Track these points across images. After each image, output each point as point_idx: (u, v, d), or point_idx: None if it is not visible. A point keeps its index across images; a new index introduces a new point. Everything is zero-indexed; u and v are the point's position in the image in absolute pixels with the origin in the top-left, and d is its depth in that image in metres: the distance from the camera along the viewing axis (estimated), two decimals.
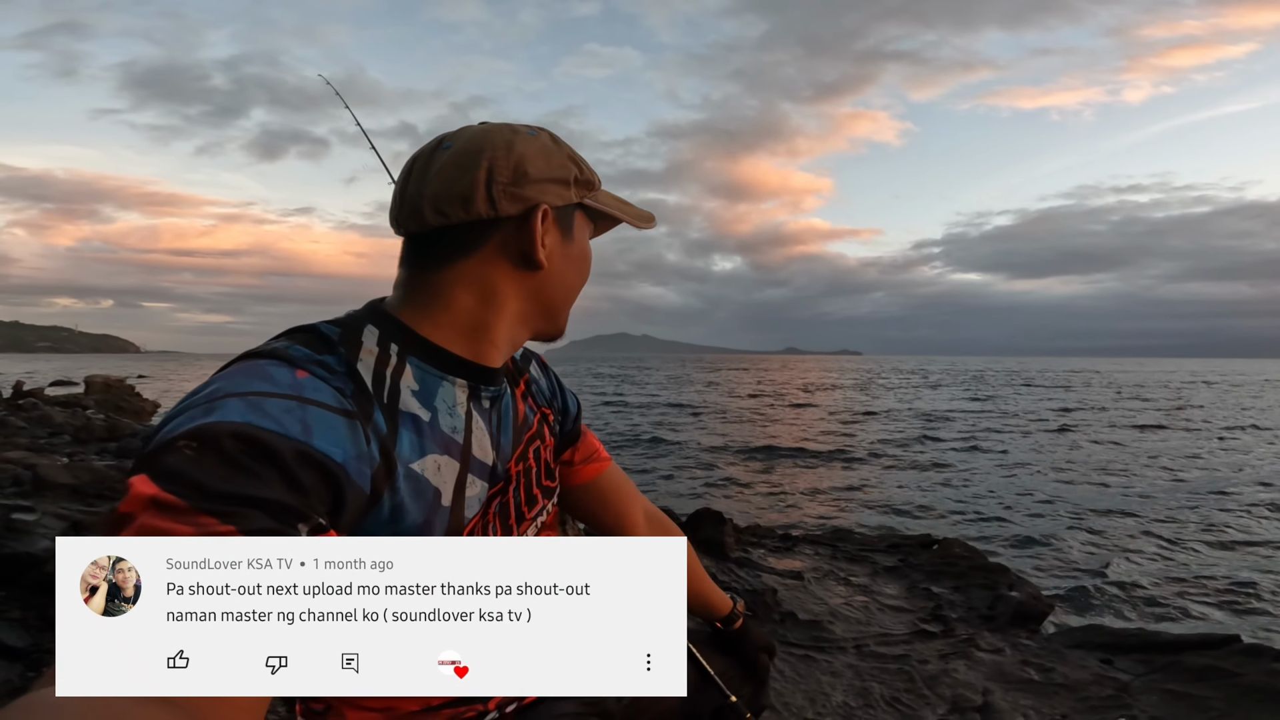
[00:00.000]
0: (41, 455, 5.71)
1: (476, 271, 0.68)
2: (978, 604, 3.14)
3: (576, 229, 0.75)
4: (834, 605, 3.07)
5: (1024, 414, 20.62)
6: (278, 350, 0.58)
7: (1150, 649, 2.63)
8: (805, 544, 4.06)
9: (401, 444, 0.61)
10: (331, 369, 0.59)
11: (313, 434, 0.51)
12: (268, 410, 0.50)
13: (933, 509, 7.66)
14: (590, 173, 0.75)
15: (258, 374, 0.54)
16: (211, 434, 0.47)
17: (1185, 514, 7.27)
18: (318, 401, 0.54)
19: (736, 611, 1.09)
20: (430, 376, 0.66)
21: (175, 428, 0.48)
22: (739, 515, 5.66)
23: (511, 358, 0.82)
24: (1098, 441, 13.87)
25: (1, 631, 1.86)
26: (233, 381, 0.53)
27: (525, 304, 0.72)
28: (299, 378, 0.55)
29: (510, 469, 0.74)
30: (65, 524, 3.17)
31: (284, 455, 0.48)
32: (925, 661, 2.53)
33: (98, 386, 15.04)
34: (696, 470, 10.30)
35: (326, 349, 0.61)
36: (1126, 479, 9.51)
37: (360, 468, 0.55)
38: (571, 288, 0.77)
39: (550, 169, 0.69)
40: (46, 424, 8.43)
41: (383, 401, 0.61)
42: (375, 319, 0.66)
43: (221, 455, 0.46)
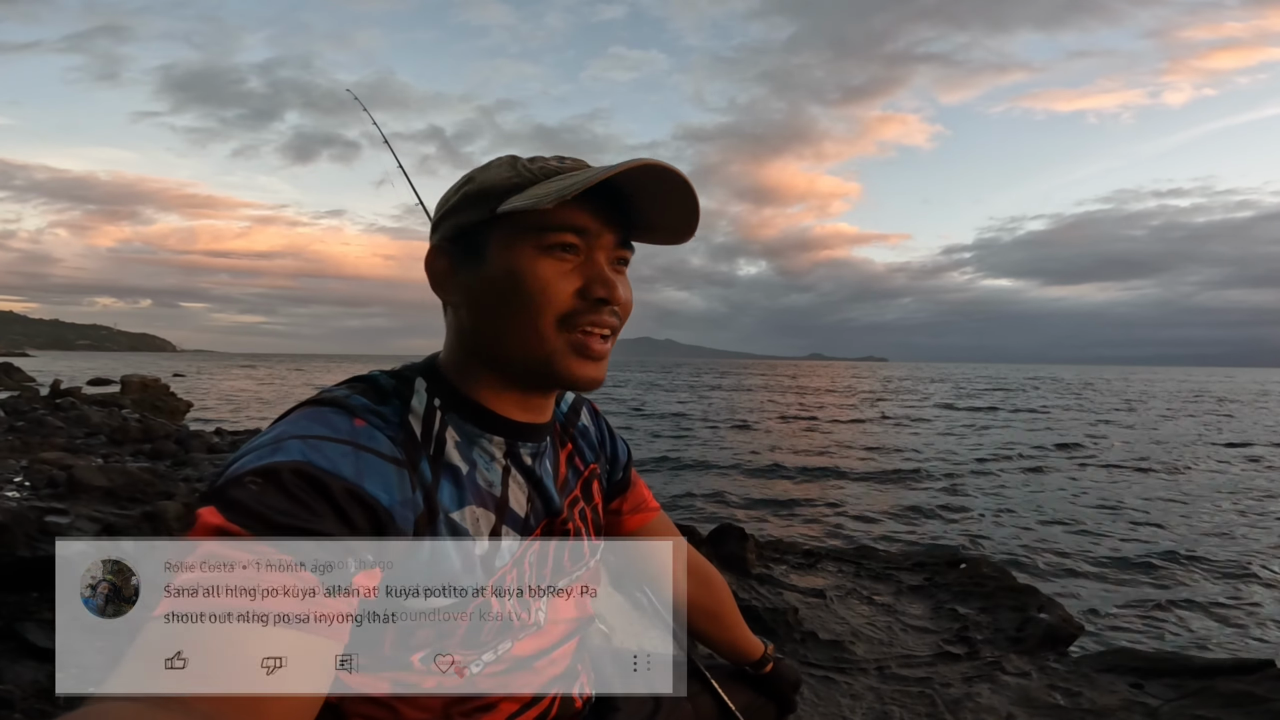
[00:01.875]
0: (78, 456, 5.86)
1: (447, 321, 0.72)
2: (1005, 626, 3.07)
3: (494, 246, 0.66)
4: (856, 625, 3.02)
5: (1066, 429, 20.10)
6: (339, 399, 0.62)
7: (1182, 673, 2.54)
8: (828, 561, 4.00)
9: (443, 494, 0.64)
10: (386, 419, 0.63)
11: (364, 477, 0.55)
12: (326, 452, 0.55)
13: (963, 527, 7.50)
14: (501, 177, 0.66)
15: (319, 420, 0.59)
16: (274, 470, 0.51)
17: (1229, 539, 7.05)
18: (372, 449, 0.58)
19: (767, 655, 1.09)
20: (467, 432, 0.68)
21: (243, 465, 0.52)
22: (762, 531, 5.61)
23: (558, 411, 0.82)
24: (1146, 463, 13.50)
25: (31, 633, 1.91)
26: (296, 425, 0.57)
27: (473, 347, 0.69)
28: (356, 425, 0.60)
29: (552, 524, 0.74)
30: (98, 527, 3.24)
31: (336, 492, 0.53)
32: (948, 684, 2.47)
33: (134, 386, 15.40)
34: (719, 484, 10.21)
35: (382, 400, 0.65)
36: (1173, 501, 9.23)
37: (405, 513, 0.58)
38: (503, 316, 0.65)
39: (445, 203, 0.70)
40: (83, 424, 8.66)
41: (429, 452, 0.64)
42: (427, 373, 0.70)
43: (283, 490, 0.50)
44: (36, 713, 1.62)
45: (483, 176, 0.68)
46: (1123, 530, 7.27)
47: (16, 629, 1.95)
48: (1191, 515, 8.13)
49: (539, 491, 0.73)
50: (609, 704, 0.88)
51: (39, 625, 1.99)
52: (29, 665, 1.81)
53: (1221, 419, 22.65)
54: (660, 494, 8.25)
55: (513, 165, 0.67)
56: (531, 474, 0.72)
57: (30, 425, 8.30)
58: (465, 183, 0.69)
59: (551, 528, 0.73)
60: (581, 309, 0.66)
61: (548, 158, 0.68)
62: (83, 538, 3.02)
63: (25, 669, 1.80)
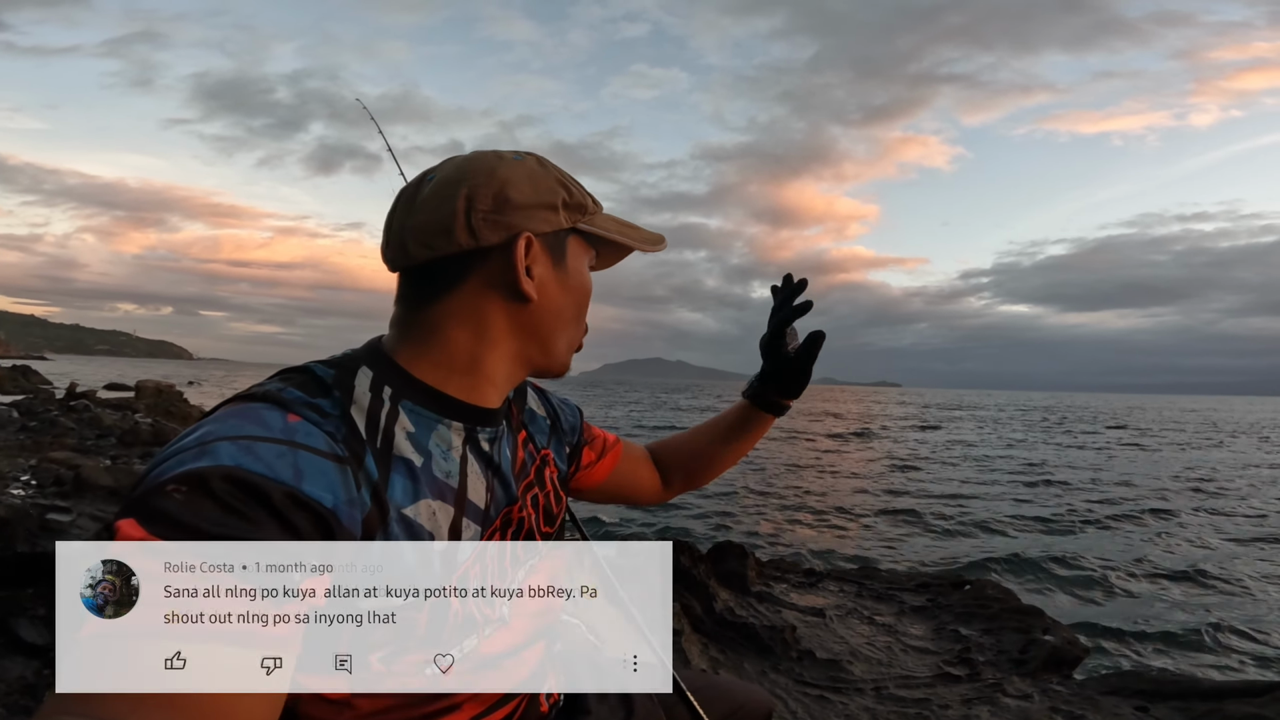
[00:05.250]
0: (87, 456, 5.91)
1: (467, 305, 0.67)
2: (1008, 647, 3.01)
3: (570, 256, 0.71)
4: (855, 644, 2.98)
5: (1074, 452, 19.93)
6: (270, 393, 0.58)
7: (1189, 696, 2.48)
8: (830, 580, 3.95)
9: (394, 489, 0.60)
10: (324, 412, 0.59)
11: (303, 478, 0.51)
12: (259, 454, 0.50)
13: (970, 549, 7.42)
14: (583, 195, 0.72)
15: (250, 417, 0.54)
16: (202, 477, 0.47)
17: (1242, 562, 6.93)
18: (309, 446, 0.54)
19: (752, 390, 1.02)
20: (424, 420, 0.65)
21: (164, 471, 0.48)
22: (762, 549, 5.56)
23: (507, 396, 0.81)
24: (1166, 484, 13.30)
25: (23, 629, 1.91)
26: (224, 425, 0.53)
27: (518, 338, 0.70)
28: (290, 421, 0.55)
29: (509, 513, 0.72)
30: (99, 525, 3.26)
31: (274, 499, 0.48)
32: (947, 706, 2.43)
33: (149, 391, 15.57)
34: (720, 502, 10.13)
35: (320, 392, 0.60)
36: (1183, 524, 9.10)
37: (351, 512, 0.55)
38: (567, 320, 0.73)
39: (536, 194, 0.67)
40: (95, 426, 8.75)
41: (376, 446, 0.60)
42: (370, 360, 0.66)
43: (213, 498, 0.46)
44: (20, 708, 1.62)
45: (567, 186, 0.70)
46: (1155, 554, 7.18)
47: (9, 624, 1.95)
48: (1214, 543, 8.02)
49: (498, 478, 0.71)
50: (579, 706, 0.86)
51: (31, 621, 1.99)
52: (17, 661, 1.81)
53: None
54: (665, 512, 8.24)
55: (564, 185, 0.70)
56: (490, 460, 0.70)
57: (42, 426, 8.40)
58: (561, 188, 0.70)
59: (509, 517, 0.72)
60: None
61: (566, 177, 0.72)
62: (81, 540, 3.04)
63: (13, 664, 1.80)
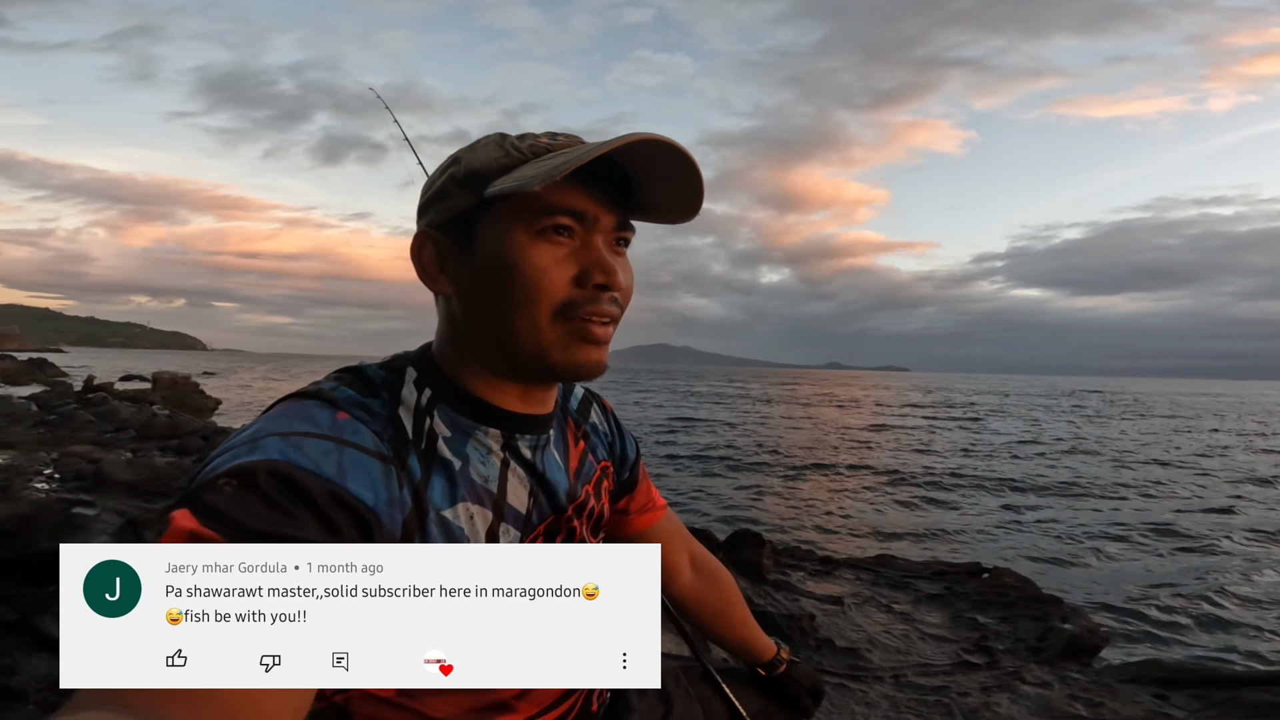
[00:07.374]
0: (106, 450, 5.98)
1: (439, 311, 0.69)
2: (1026, 635, 3.01)
3: (483, 234, 0.62)
4: (873, 633, 2.97)
5: (1090, 440, 19.79)
6: (323, 391, 0.59)
7: (1208, 684, 2.48)
8: (846, 568, 3.95)
9: (433, 490, 0.60)
10: (373, 412, 0.60)
11: (347, 476, 0.52)
12: (306, 450, 0.51)
13: (987, 537, 7.40)
14: (488, 158, 0.62)
15: (300, 414, 0.55)
16: (250, 471, 0.48)
17: (1263, 550, 6.88)
18: (355, 444, 0.55)
19: (779, 658, 1.06)
20: (459, 424, 0.65)
21: (218, 465, 0.49)
22: (779, 537, 5.56)
23: (566, 404, 0.80)
24: (1170, 464, 13.20)
25: (48, 625, 1.94)
26: (276, 422, 0.54)
27: (473, 338, 0.65)
28: (339, 419, 0.56)
29: (557, 520, 0.70)
30: (122, 520, 3.29)
31: (317, 495, 0.50)
32: (966, 694, 2.42)
33: (165, 383, 15.72)
34: (738, 490, 10.13)
35: (370, 392, 0.62)
36: (1205, 513, 9.02)
37: (392, 513, 0.56)
38: (500, 304, 0.62)
39: (433, 184, 0.66)
40: (113, 418, 8.84)
41: (420, 447, 0.61)
42: (418, 362, 0.66)
43: (259, 493, 0.48)
44: (50, 705, 1.64)
45: (470, 157, 0.63)
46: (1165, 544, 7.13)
47: (34, 622, 1.98)
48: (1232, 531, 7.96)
49: (542, 486, 0.69)
50: (624, 704, 0.86)
51: (55, 619, 2.02)
52: (43, 658, 1.84)
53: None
54: (678, 499, 8.26)
55: (501, 144, 0.63)
56: (533, 468, 0.69)
57: (61, 419, 8.49)
58: (451, 164, 0.64)
59: (556, 525, 0.70)
60: (580, 297, 0.62)
61: (539, 134, 0.64)
62: (88, 542, 3.07)
63: (40, 661, 1.82)
